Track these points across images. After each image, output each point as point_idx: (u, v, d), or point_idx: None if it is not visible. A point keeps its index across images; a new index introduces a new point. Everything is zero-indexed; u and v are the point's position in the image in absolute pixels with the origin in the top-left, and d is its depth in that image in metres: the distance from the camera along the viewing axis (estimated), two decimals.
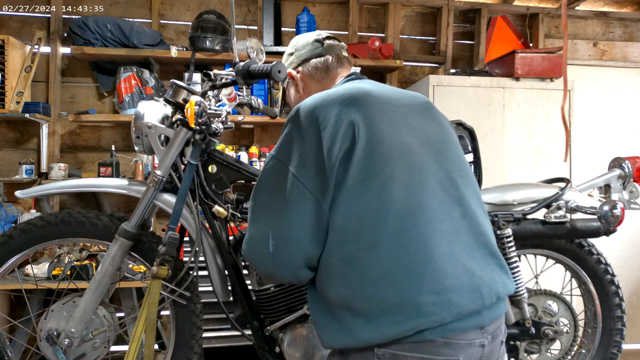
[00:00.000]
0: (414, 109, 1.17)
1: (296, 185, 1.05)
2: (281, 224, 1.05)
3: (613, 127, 3.63)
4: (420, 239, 0.99)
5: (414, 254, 0.98)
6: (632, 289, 3.57)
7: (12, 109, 2.74)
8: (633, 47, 3.70)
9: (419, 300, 0.95)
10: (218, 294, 1.58)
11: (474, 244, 1.05)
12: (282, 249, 1.06)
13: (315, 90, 1.32)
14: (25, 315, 2.48)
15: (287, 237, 1.05)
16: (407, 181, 1.03)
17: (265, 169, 1.12)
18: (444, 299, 0.96)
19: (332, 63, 1.36)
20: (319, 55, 1.36)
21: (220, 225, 1.60)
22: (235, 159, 1.65)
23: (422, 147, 1.10)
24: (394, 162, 1.04)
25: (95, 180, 1.69)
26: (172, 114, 1.61)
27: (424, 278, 0.97)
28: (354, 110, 1.08)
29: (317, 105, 1.10)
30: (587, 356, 1.86)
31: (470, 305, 0.98)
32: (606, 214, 1.60)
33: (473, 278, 1.00)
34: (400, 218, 1.00)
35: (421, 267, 0.97)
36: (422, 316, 0.95)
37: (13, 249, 1.59)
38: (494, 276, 1.05)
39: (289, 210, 1.05)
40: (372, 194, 1.01)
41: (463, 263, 1.01)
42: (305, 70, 1.38)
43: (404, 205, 1.01)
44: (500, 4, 3.60)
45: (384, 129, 1.08)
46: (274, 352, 1.53)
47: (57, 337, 1.52)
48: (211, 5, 3.28)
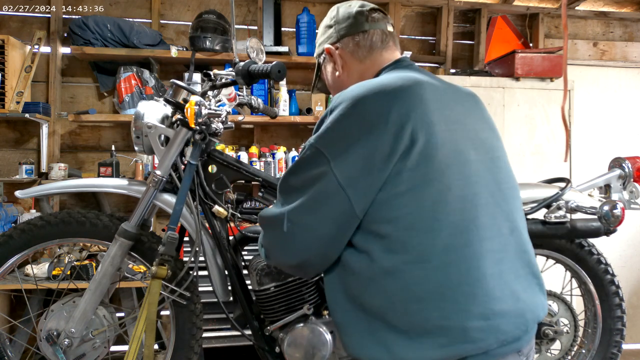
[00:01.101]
0: (470, 109, 1.08)
1: (331, 183, 0.95)
2: (304, 212, 0.98)
3: (613, 127, 3.63)
4: (473, 259, 0.92)
5: (465, 274, 0.91)
6: (632, 289, 3.57)
7: (12, 109, 2.74)
8: (633, 47, 3.70)
9: (467, 326, 0.90)
10: (218, 294, 1.58)
11: (519, 264, 1.00)
12: (296, 234, 0.98)
13: (357, 70, 1.20)
14: (25, 315, 2.48)
15: (306, 225, 0.98)
16: (462, 193, 0.95)
17: (303, 156, 1.01)
18: (492, 325, 0.91)
19: (377, 41, 1.19)
20: (362, 30, 1.19)
21: (220, 225, 1.60)
22: (235, 159, 1.65)
23: (477, 154, 1.01)
24: (450, 171, 0.95)
25: (95, 180, 1.69)
26: (172, 114, 1.61)
27: (474, 301, 0.91)
28: (412, 107, 0.96)
29: (368, 96, 0.97)
30: (587, 356, 1.86)
31: (515, 332, 0.94)
32: (606, 214, 1.60)
33: (518, 302, 0.95)
34: (453, 233, 0.92)
35: (471, 289, 0.91)
36: (469, 342, 0.89)
37: (13, 249, 1.59)
38: (536, 299, 1.01)
39: (316, 203, 0.97)
40: (426, 204, 0.93)
41: (510, 285, 0.95)
42: (346, 47, 1.21)
43: (458, 220, 0.93)
44: (500, 4, 3.60)
45: (443, 130, 0.97)
46: (274, 352, 1.53)
47: (57, 337, 1.52)
48: (211, 5, 3.28)
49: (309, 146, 1.01)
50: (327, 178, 0.96)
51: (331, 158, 0.96)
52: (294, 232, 0.99)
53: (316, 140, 1.00)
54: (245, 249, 1.69)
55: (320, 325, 1.47)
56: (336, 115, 0.98)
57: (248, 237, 1.64)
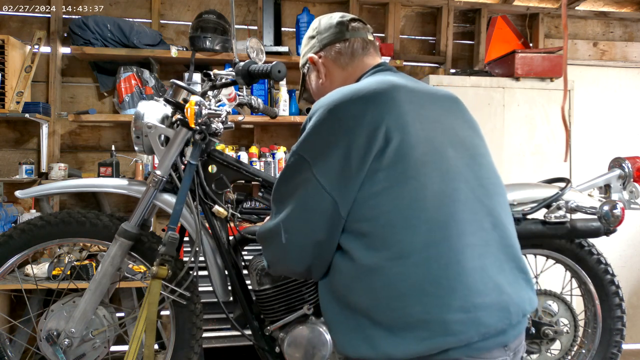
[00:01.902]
0: (447, 109, 1.11)
1: (315, 187, 0.99)
2: (295, 219, 1.02)
3: (613, 127, 3.63)
4: (451, 253, 0.94)
5: (444, 269, 0.93)
6: (632, 289, 3.57)
7: (12, 109, 2.74)
8: (633, 47, 3.70)
9: (447, 319, 0.91)
10: (218, 294, 1.58)
11: (503, 257, 1.01)
12: (294, 243, 1.02)
13: (339, 77, 1.25)
14: (25, 315, 2.48)
15: (301, 233, 1.01)
16: (440, 189, 0.97)
17: (287, 164, 1.06)
18: (472, 318, 0.92)
19: (357, 48, 1.24)
20: (344, 39, 1.24)
21: (220, 225, 1.60)
22: (235, 159, 1.65)
23: (456, 151, 1.04)
24: (427, 168, 0.98)
25: (95, 180, 1.69)
26: (172, 114, 1.61)
27: (453, 295, 0.92)
28: (386, 109, 1.00)
29: (344, 101, 1.02)
30: (587, 356, 1.86)
31: (497, 325, 0.94)
32: (606, 214, 1.60)
33: (502, 295, 0.96)
34: (431, 229, 0.94)
35: (451, 283, 0.93)
36: (449, 335, 0.91)
37: (13, 249, 1.59)
38: (522, 293, 1.01)
39: (305, 208, 1.01)
40: (404, 201, 0.95)
41: (493, 278, 0.97)
42: (328, 55, 1.26)
43: (436, 216, 0.95)
44: (500, 4, 3.60)
45: (418, 130, 1.00)
46: (274, 352, 1.53)
47: (57, 337, 1.52)
48: (211, 5, 3.28)
49: (292, 153, 1.06)
50: (311, 183, 1.00)
51: (312, 163, 1.00)
52: (292, 241, 1.03)
53: (297, 147, 1.05)
54: (245, 249, 1.69)
55: (320, 325, 1.47)
56: (314, 121, 1.03)
57: (248, 237, 1.63)
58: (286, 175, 1.07)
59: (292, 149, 1.07)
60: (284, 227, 1.03)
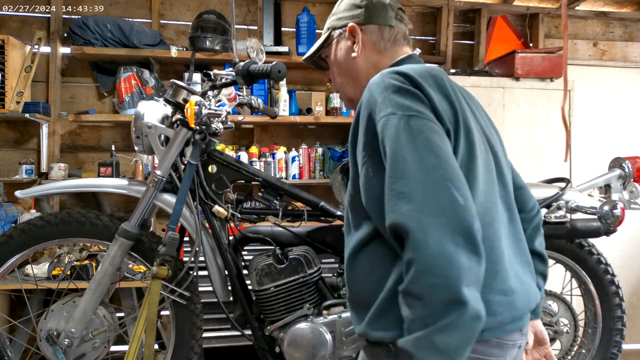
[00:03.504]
0: (475, 103, 1.12)
1: (441, 130, 0.91)
2: (453, 171, 0.87)
3: (613, 127, 3.63)
4: (495, 238, 0.96)
5: (489, 252, 0.92)
6: (632, 289, 3.57)
7: (12, 109, 2.74)
8: (633, 47, 3.70)
9: (490, 299, 0.91)
10: (218, 294, 1.58)
11: (517, 251, 1.04)
12: (470, 196, 0.87)
13: (371, 60, 1.18)
14: (25, 315, 2.48)
15: (465, 181, 0.88)
16: (485, 177, 0.98)
17: (398, 128, 0.90)
18: (509, 301, 0.94)
19: (400, 39, 1.19)
20: (390, 25, 1.18)
21: (220, 225, 1.60)
22: (235, 159, 1.65)
23: (484, 142, 1.04)
24: (478, 153, 0.97)
25: (95, 180, 1.69)
26: (172, 114, 1.61)
27: (496, 277, 0.94)
28: (447, 90, 0.98)
29: (417, 75, 0.96)
30: (587, 356, 1.86)
31: (522, 310, 0.97)
32: (606, 214, 1.60)
33: (523, 284, 0.99)
34: (481, 213, 0.92)
35: (494, 266, 0.94)
36: (490, 315, 0.89)
37: (13, 249, 1.59)
38: (532, 284, 1.04)
39: (449, 154, 0.89)
40: (467, 180, 0.92)
41: (514, 267, 0.99)
42: (371, 33, 1.18)
43: (485, 200, 0.96)
44: (500, 4, 3.60)
45: (470, 118, 1.00)
46: (274, 352, 1.53)
47: (57, 337, 1.52)
48: (211, 5, 3.28)
49: (391, 117, 0.96)
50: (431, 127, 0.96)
51: (420, 114, 0.96)
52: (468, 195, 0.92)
53: (395, 108, 0.97)
54: (245, 249, 1.69)
55: (320, 325, 1.48)
56: (394, 88, 0.97)
57: (248, 237, 1.64)
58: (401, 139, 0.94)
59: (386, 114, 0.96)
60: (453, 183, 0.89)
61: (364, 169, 0.96)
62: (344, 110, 3.18)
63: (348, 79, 1.21)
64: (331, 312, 1.52)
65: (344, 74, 1.22)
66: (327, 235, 1.63)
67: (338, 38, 1.23)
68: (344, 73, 1.22)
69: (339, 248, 1.62)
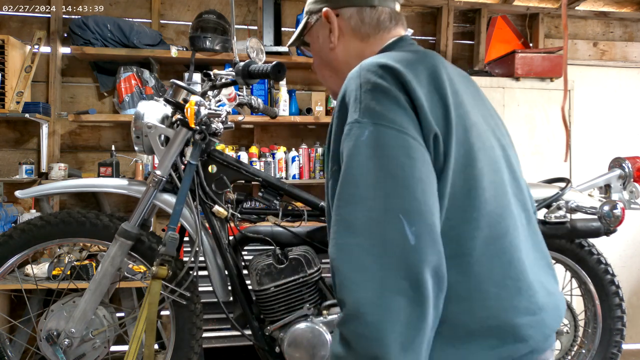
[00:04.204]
0: (474, 93, 0.95)
1: (414, 146, 0.75)
2: (414, 200, 0.73)
3: (613, 127, 3.63)
4: (512, 249, 0.82)
5: (507, 267, 0.81)
6: (632, 289, 3.57)
7: (12, 109, 2.74)
8: (633, 47, 3.70)
9: (517, 323, 0.80)
10: (218, 294, 1.58)
11: (538, 255, 0.91)
12: (427, 233, 0.72)
13: (352, 50, 1.01)
14: (25, 315, 2.48)
15: (427, 212, 0.73)
16: (492, 179, 0.84)
17: (359, 141, 0.76)
18: (539, 320, 0.82)
19: (385, 20, 1.00)
20: (371, 5, 0.99)
21: (220, 225, 1.60)
22: (235, 159, 1.65)
23: (493, 139, 0.90)
24: (481, 154, 0.83)
25: (95, 180, 1.69)
26: (172, 114, 1.61)
27: (519, 296, 0.81)
28: (441, 83, 0.83)
29: (403, 67, 0.81)
30: (587, 356, 1.86)
31: (554, 325, 0.86)
32: (606, 214, 1.60)
33: (549, 295, 0.87)
34: (492, 223, 0.81)
35: (515, 283, 0.81)
36: (520, 341, 0.80)
37: (13, 249, 1.59)
38: (558, 292, 0.92)
39: (415, 179, 0.74)
40: (462, 190, 0.80)
41: (538, 277, 0.87)
42: (349, 19, 1.00)
43: (495, 207, 0.82)
44: (500, 4, 3.60)
45: (470, 111, 0.85)
46: (274, 352, 1.53)
47: (57, 337, 1.52)
48: (211, 5, 3.28)
49: (359, 125, 0.83)
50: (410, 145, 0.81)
51: (395, 125, 0.82)
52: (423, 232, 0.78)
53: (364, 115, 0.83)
54: (245, 249, 1.69)
55: (320, 325, 1.47)
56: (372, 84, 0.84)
57: (248, 237, 1.64)
58: (365, 153, 0.82)
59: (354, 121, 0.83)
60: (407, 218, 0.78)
61: (331, 181, 0.84)
62: None
63: (329, 71, 1.07)
64: (331, 312, 1.52)
65: (324, 65, 1.08)
66: (327, 235, 1.63)
67: (315, 25, 1.07)
68: (324, 64, 1.08)
69: None
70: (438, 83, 0.83)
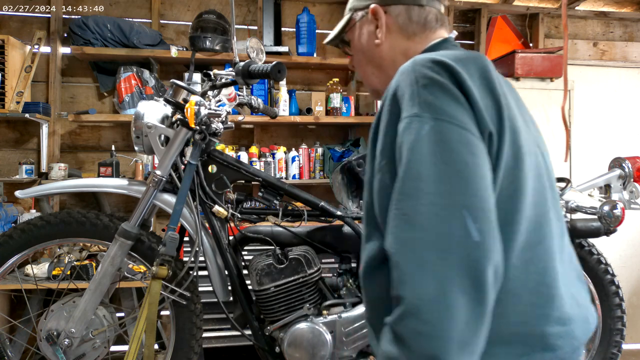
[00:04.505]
0: (517, 96, 0.94)
1: (476, 143, 0.75)
2: (477, 197, 0.72)
3: (613, 127, 3.63)
4: (547, 257, 0.82)
5: (542, 274, 0.80)
6: (632, 289, 3.57)
7: (12, 109, 2.74)
8: (633, 47, 3.70)
9: (548, 331, 0.79)
10: (218, 294, 1.58)
11: (570, 266, 0.90)
12: (491, 230, 0.71)
13: (398, 47, 1.01)
14: (25, 315, 2.48)
15: (489, 210, 0.72)
16: (535, 185, 0.83)
17: (420, 135, 0.75)
18: (568, 331, 0.81)
19: (431, 20, 1.01)
20: (420, 4, 1.00)
21: (220, 225, 1.60)
22: (235, 159, 1.65)
23: (534, 145, 0.88)
24: (527, 158, 0.82)
25: (95, 180, 1.69)
26: (172, 114, 1.61)
27: (552, 305, 0.80)
28: (493, 83, 0.83)
29: (457, 64, 0.81)
30: (587, 356, 1.86)
31: (582, 338, 0.84)
32: (607, 214, 1.60)
33: (580, 307, 0.86)
34: (530, 229, 0.80)
35: (549, 290, 0.81)
36: (548, 350, 0.78)
37: (13, 249, 1.59)
38: (589, 305, 0.90)
39: (478, 176, 0.73)
40: (508, 192, 0.78)
41: (569, 288, 0.85)
42: (396, 16, 1.00)
43: (534, 214, 0.81)
44: (500, 4, 3.60)
45: (516, 115, 0.84)
46: (274, 352, 1.53)
47: (57, 337, 1.52)
48: (211, 5, 3.28)
49: (419, 120, 0.82)
50: (469, 140, 0.81)
51: (453, 119, 0.82)
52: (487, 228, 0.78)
53: (422, 109, 0.82)
54: (245, 249, 1.69)
55: (320, 325, 1.48)
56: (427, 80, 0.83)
57: (248, 237, 1.64)
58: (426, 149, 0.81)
59: (410, 116, 0.83)
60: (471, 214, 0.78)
61: (379, 175, 0.83)
62: (343, 110, 3.18)
63: (372, 68, 1.07)
64: (331, 312, 1.52)
65: (368, 62, 1.07)
66: (327, 235, 1.63)
67: (360, 22, 1.06)
68: (367, 61, 1.07)
69: (339, 248, 1.62)
70: (490, 83, 0.83)
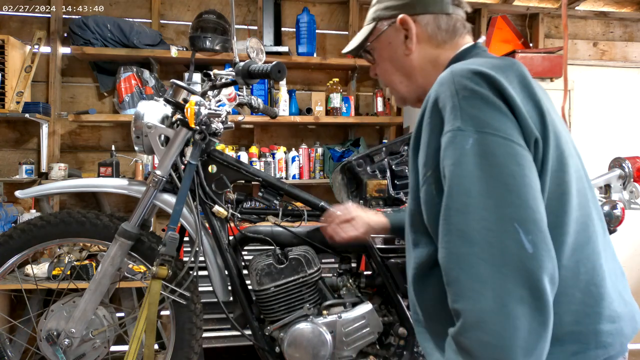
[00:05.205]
0: (551, 100, 0.95)
1: (521, 153, 0.76)
2: (527, 208, 0.73)
3: (613, 127, 3.63)
4: (595, 257, 0.84)
5: (591, 274, 0.82)
6: (632, 289, 3.55)
7: (12, 109, 2.74)
8: (633, 47, 3.70)
9: (600, 329, 0.81)
10: (218, 294, 1.58)
11: (615, 264, 0.92)
12: (543, 240, 0.72)
13: (428, 56, 1.02)
14: (25, 315, 2.48)
15: (540, 220, 0.73)
16: (578, 187, 0.85)
17: (464, 149, 0.76)
18: (618, 329, 0.83)
19: (459, 27, 1.02)
20: (447, 12, 1.01)
21: (220, 225, 1.60)
22: (235, 159, 1.65)
23: (572, 147, 0.90)
24: (570, 160, 0.83)
25: (95, 180, 1.69)
26: (172, 114, 1.61)
27: (602, 303, 0.82)
28: (533, 89, 0.83)
29: (496, 73, 0.80)
30: None
31: (630, 335, 0.86)
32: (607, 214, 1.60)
33: (627, 305, 0.88)
34: (578, 230, 0.82)
35: (599, 289, 0.83)
36: (600, 348, 0.81)
37: (13, 249, 1.59)
38: (632, 300, 0.92)
39: (526, 186, 0.74)
40: (555, 195, 0.80)
41: (616, 286, 0.88)
42: (426, 25, 1.01)
43: (580, 215, 0.83)
44: (500, 4, 3.60)
45: (555, 119, 0.85)
46: (274, 352, 1.53)
47: (57, 337, 1.52)
48: (211, 5, 3.28)
49: (463, 134, 0.82)
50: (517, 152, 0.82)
51: (500, 132, 0.83)
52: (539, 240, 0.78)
53: (466, 123, 0.83)
54: (245, 249, 1.69)
55: (320, 325, 1.48)
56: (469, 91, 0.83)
57: (248, 237, 1.64)
58: (474, 163, 0.82)
59: (455, 130, 0.83)
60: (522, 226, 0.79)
61: (425, 186, 0.84)
62: (343, 110, 3.18)
63: (400, 77, 1.07)
64: (331, 312, 1.52)
65: (396, 71, 1.07)
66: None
67: (387, 31, 1.05)
68: (395, 70, 1.07)
69: (339, 248, 1.62)
70: (530, 89, 0.83)
